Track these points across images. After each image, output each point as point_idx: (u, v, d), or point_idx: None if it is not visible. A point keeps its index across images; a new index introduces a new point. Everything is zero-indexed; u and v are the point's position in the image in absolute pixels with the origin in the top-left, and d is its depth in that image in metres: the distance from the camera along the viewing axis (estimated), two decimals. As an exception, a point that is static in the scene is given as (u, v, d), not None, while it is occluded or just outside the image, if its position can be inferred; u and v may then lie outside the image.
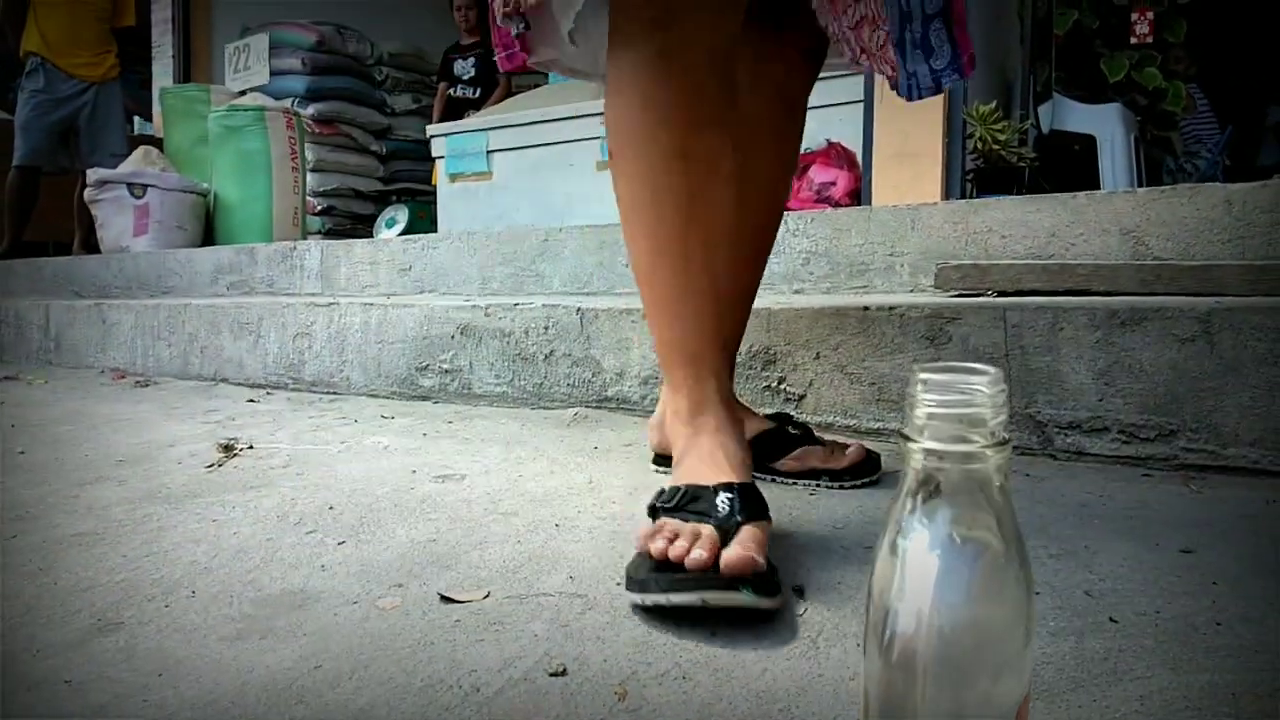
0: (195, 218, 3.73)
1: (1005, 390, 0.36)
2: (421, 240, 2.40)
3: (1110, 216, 1.46)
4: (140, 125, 5.82)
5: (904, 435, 0.37)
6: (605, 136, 0.85)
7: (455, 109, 4.35)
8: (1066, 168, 3.33)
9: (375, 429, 1.44)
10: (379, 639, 0.64)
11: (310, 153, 4.20)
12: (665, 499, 0.74)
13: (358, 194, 4.70)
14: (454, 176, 3.50)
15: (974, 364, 0.37)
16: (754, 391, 1.32)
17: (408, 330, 1.73)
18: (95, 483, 1.10)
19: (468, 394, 1.65)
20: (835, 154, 2.49)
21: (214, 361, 2.09)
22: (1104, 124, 3.51)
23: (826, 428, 1.24)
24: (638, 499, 0.98)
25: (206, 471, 1.15)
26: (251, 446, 1.30)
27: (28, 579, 0.77)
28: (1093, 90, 3.84)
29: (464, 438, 1.34)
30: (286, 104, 4.03)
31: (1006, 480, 0.36)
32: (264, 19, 4.63)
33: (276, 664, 0.60)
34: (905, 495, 0.37)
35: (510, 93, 4.28)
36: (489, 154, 3.40)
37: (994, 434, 0.36)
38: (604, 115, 0.85)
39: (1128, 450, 1.06)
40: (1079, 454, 1.09)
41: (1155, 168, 4.10)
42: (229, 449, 1.26)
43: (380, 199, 4.82)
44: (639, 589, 0.67)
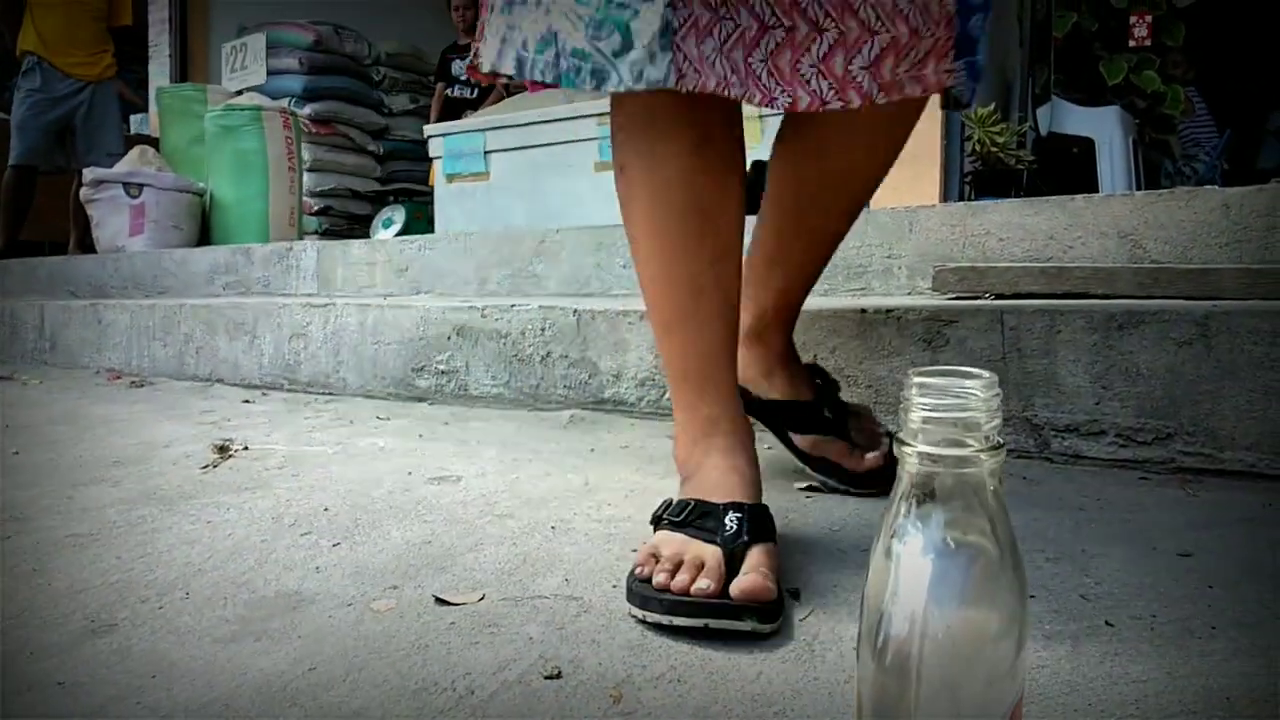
0: (191, 217, 3.72)
1: (1000, 394, 0.36)
2: (418, 241, 2.39)
3: (1108, 219, 1.47)
4: (138, 124, 5.82)
5: (898, 439, 0.37)
6: (611, 149, 0.83)
7: (453, 109, 4.34)
8: (1065, 170, 3.34)
9: (371, 430, 1.44)
10: (373, 641, 0.64)
11: (307, 153, 4.20)
12: (672, 511, 0.72)
13: (354, 194, 4.70)
14: (451, 177, 3.49)
15: (969, 368, 0.37)
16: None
17: (404, 331, 1.72)
18: (90, 484, 1.10)
19: (464, 395, 1.64)
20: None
21: (209, 362, 2.09)
22: (1102, 127, 3.52)
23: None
24: (634, 501, 0.97)
25: (201, 473, 1.15)
26: (247, 448, 1.29)
27: (22, 580, 0.76)
28: (1091, 93, 3.85)
29: (460, 439, 1.34)
30: (283, 104, 4.03)
31: (1000, 484, 0.36)
32: (261, 18, 4.63)
33: (270, 666, 0.60)
34: (900, 499, 0.37)
35: (508, 93, 4.28)
36: (486, 154, 3.39)
37: (988, 438, 0.36)
38: (611, 137, 0.83)
39: (1125, 453, 1.06)
40: (1076, 457, 1.09)
41: (1153, 171, 4.12)
42: (224, 450, 1.26)
43: (377, 199, 4.82)
44: (640, 604, 0.66)
